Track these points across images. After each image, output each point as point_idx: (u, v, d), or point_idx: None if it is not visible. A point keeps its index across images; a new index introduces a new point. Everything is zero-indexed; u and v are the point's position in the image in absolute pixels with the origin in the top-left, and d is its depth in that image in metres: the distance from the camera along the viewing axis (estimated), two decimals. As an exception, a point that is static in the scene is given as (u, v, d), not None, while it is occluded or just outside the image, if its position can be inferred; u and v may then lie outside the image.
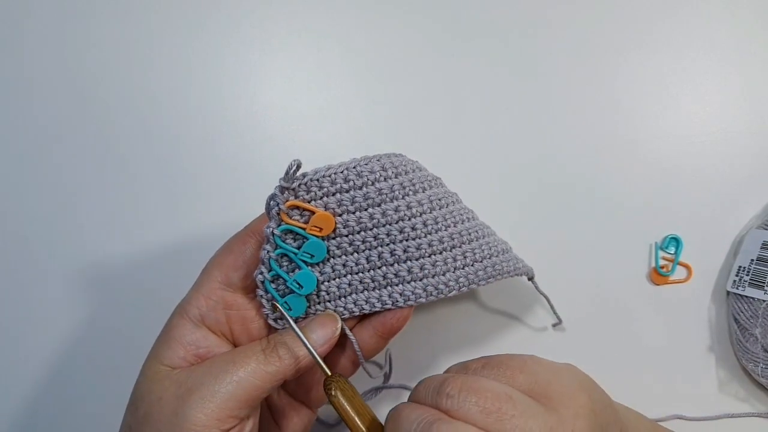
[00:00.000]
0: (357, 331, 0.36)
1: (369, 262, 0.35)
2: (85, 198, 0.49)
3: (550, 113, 0.52)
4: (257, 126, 0.51)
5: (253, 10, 0.53)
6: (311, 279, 0.34)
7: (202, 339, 0.34)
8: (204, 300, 0.34)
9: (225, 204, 0.50)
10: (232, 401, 0.31)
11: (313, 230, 0.34)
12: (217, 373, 0.32)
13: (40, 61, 0.52)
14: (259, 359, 0.33)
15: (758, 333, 0.44)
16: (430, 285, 0.35)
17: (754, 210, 0.49)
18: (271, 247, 0.34)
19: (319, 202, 0.34)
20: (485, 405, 0.29)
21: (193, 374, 0.32)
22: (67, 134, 0.51)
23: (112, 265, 0.48)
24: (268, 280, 0.34)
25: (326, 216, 0.34)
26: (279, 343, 0.33)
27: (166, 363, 0.33)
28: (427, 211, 0.35)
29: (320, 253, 0.34)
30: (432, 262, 0.35)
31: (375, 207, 0.34)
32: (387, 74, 0.52)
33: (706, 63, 0.52)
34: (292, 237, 0.34)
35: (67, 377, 0.47)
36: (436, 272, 0.35)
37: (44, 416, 0.46)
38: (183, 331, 0.34)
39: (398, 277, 0.35)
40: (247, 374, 0.32)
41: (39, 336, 0.47)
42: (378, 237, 0.35)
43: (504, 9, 0.53)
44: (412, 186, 0.35)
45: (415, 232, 0.35)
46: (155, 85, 0.52)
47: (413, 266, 0.35)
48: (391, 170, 0.35)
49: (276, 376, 0.33)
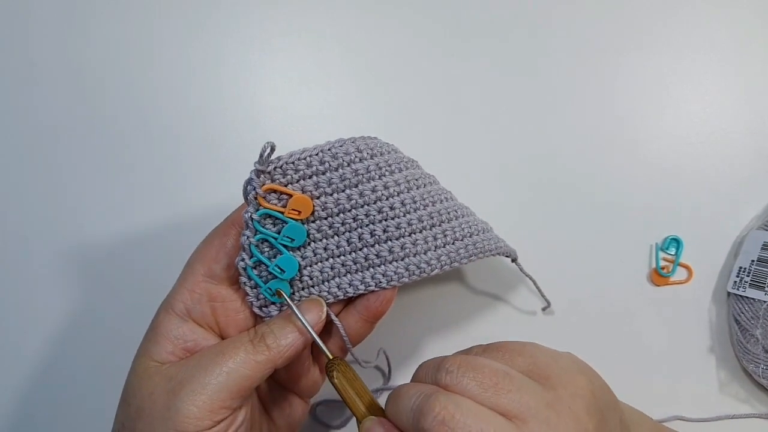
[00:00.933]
0: (342, 316, 0.36)
1: (350, 244, 0.35)
2: (82, 195, 0.49)
3: (551, 113, 0.52)
4: (257, 126, 0.51)
5: (253, 10, 0.53)
6: (293, 263, 0.34)
7: (189, 332, 0.34)
8: (188, 294, 0.34)
9: (224, 203, 0.49)
10: (223, 392, 0.31)
11: (292, 213, 0.34)
12: (207, 365, 0.32)
13: (41, 58, 0.52)
14: (247, 349, 0.33)
15: (759, 334, 0.44)
16: (412, 264, 0.35)
17: (754, 211, 0.49)
18: (251, 232, 0.34)
19: (296, 185, 0.34)
20: (483, 380, 0.29)
21: (182, 368, 0.33)
22: (65, 130, 0.51)
23: (105, 261, 0.48)
24: (250, 266, 0.34)
25: (304, 198, 0.34)
26: (266, 332, 0.34)
27: (155, 359, 0.34)
28: (404, 190, 0.36)
29: (300, 237, 0.34)
30: (412, 240, 0.35)
31: (352, 188, 0.34)
32: (387, 74, 0.52)
33: (706, 63, 0.52)
34: (271, 222, 0.34)
35: (60, 374, 0.47)
36: (417, 251, 0.35)
37: (36, 412, 0.46)
38: (169, 326, 0.34)
39: (380, 257, 0.35)
40: (237, 365, 0.32)
41: (29, 332, 0.47)
42: (357, 218, 0.35)
43: (504, 8, 0.53)
44: (388, 166, 0.35)
45: (393, 211, 0.35)
46: (155, 84, 0.52)
47: (394, 246, 0.35)
48: (366, 152, 0.35)
49: (265, 365, 0.33)
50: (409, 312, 0.47)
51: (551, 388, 0.30)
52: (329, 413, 0.46)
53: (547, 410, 0.29)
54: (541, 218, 0.50)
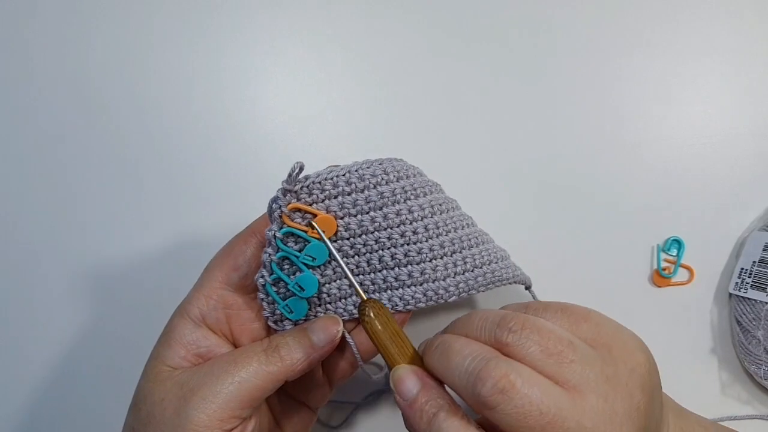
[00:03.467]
0: (355, 333, 0.36)
1: (370, 265, 0.35)
2: (88, 200, 0.50)
3: (552, 115, 0.52)
4: (259, 128, 0.51)
5: (256, 14, 0.53)
6: (313, 282, 0.34)
7: (203, 338, 0.34)
8: (205, 300, 0.34)
9: (227, 206, 0.50)
10: (234, 401, 0.31)
11: (315, 234, 0.34)
12: (219, 374, 0.32)
13: (43, 62, 0.52)
14: (260, 359, 0.32)
15: (761, 335, 0.44)
16: (430, 290, 0.35)
17: (756, 212, 0.49)
18: (273, 250, 0.34)
19: (321, 204, 0.34)
20: (547, 346, 0.28)
21: (194, 375, 0.32)
22: (69, 136, 0.51)
23: (115, 267, 0.48)
24: (270, 283, 0.34)
25: (328, 218, 0.34)
26: (281, 344, 0.33)
27: (167, 363, 0.33)
28: (428, 215, 0.35)
29: (322, 256, 0.34)
30: (432, 266, 0.35)
31: (377, 210, 0.34)
32: (389, 76, 0.52)
33: (708, 65, 0.52)
34: (293, 240, 0.34)
35: (70, 379, 0.47)
36: (436, 277, 0.35)
37: (47, 418, 0.46)
38: (183, 331, 0.34)
39: (398, 280, 0.35)
40: (249, 374, 0.32)
41: (41, 338, 0.47)
42: (379, 240, 0.34)
43: (506, 11, 0.54)
44: (413, 190, 0.35)
45: (416, 236, 0.35)
46: (158, 88, 0.52)
47: (414, 270, 0.35)
48: (392, 174, 0.34)
49: (277, 376, 0.32)
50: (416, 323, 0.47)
51: (612, 361, 0.29)
52: (329, 413, 0.45)
53: (605, 385, 0.28)
54: (542, 219, 0.50)
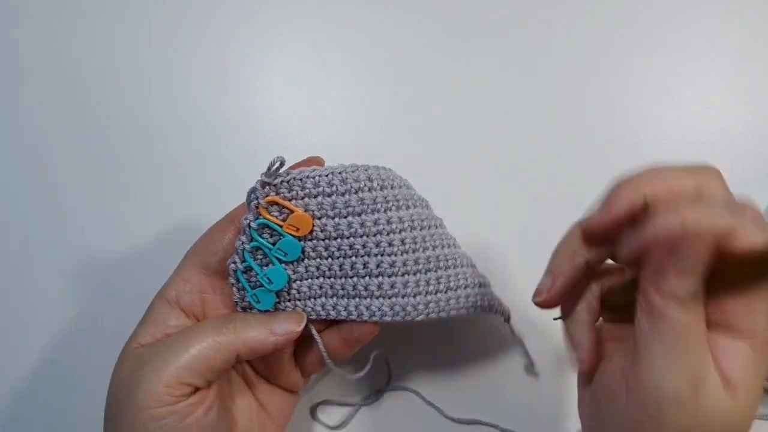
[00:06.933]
0: (326, 333, 0.37)
1: (341, 269, 0.34)
2: (84, 196, 0.49)
3: (551, 115, 0.52)
4: (258, 128, 0.51)
5: (254, 13, 0.53)
6: (282, 276, 0.34)
7: (173, 318, 0.35)
8: (182, 283, 0.35)
9: (225, 205, 0.49)
10: (182, 369, 0.32)
11: (290, 229, 0.34)
12: (171, 343, 0.33)
13: (40, 59, 0.52)
14: (214, 330, 0.33)
15: (761, 335, 0.44)
16: (397, 305, 0.34)
17: (756, 212, 0.49)
18: (246, 239, 0.34)
19: (300, 202, 0.34)
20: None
21: (151, 348, 0.33)
22: (66, 133, 0.51)
23: (109, 264, 0.48)
24: (240, 270, 0.34)
25: (304, 216, 0.33)
26: (239, 318, 0.34)
27: (139, 342, 0.34)
28: (407, 229, 0.34)
29: (294, 252, 0.34)
30: (403, 281, 0.34)
31: (355, 216, 0.33)
32: (389, 76, 0.52)
33: (707, 64, 0.52)
34: (268, 232, 0.34)
35: (60, 374, 0.46)
36: (405, 293, 0.34)
37: (40, 412, 0.46)
38: (159, 311, 0.35)
39: (367, 290, 0.34)
40: (200, 344, 0.32)
41: (32, 332, 0.47)
42: (353, 247, 0.34)
43: (505, 10, 0.54)
44: (396, 201, 0.34)
45: (391, 248, 0.34)
46: (156, 87, 0.52)
47: (383, 282, 0.34)
48: (377, 182, 0.34)
49: (228, 347, 0.33)
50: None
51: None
52: (329, 413, 0.45)
53: None
54: (541, 219, 0.49)
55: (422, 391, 0.45)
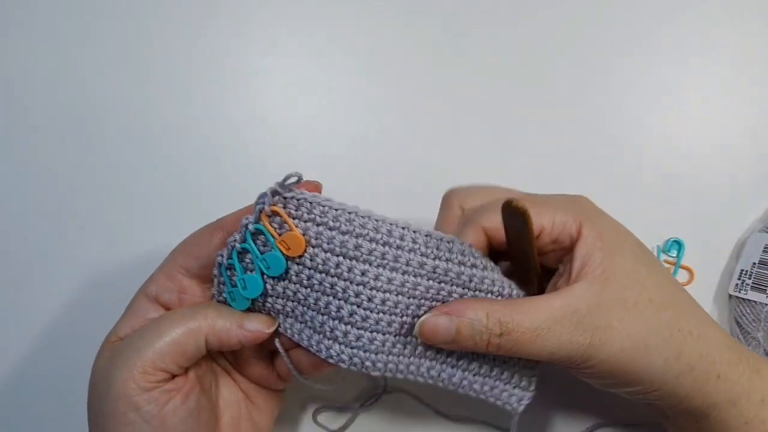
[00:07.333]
0: (297, 350, 0.37)
1: (315, 304, 0.34)
2: (83, 200, 0.50)
3: (552, 118, 0.51)
4: (258, 129, 0.51)
5: (254, 14, 0.53)
6: (258, 286, 0.34)
7: (152, 312, 0.36)
8: (164, 280, 0.36)
9: (224, 207, 0.49)
10: (156, 354, 0.32)
11: (282, 245, 0.33)
12: (143, 332, 0.34)
13: (40, 61, 0.52)
14: (185, 316, 0.34)
15: (760, 337, 0.44)
16: (356, 357, 0.34)
17: (756, 213, 0.49)
18: (240, 238, 0.34)
19: (302, 224, 0.33)
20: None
21: (126, 339, 0.34)
22: (65, 135, 0.51)
23: (109, 269, 0.48)
24: (225, 265, 0.34)
25: (299, 239, 0.33)
26: (212, 307, 0.35)
27: (118, 335, 0.35)
28: (392, 291, 0.33)
29: (277, 269, 0.34)
30: (370, 338, 0.34)
31: (346, 258, 0.33)
32: (390, 76, 0.52)
33: (708, 66, 0.52)
34: (262, 241, 0.34)
35: (57, 380, 0.47)
36: (369, 348, 0.34)
37: (29, 408, 0.46)
38: (139, 305, 0.36)
39: (332, 333, 0.34)
40: (173, 329, 0.33)
41: (31, 339, 0.47)
42: (334, 287, 0.33)
43: (507, 12, 0.53)
44: (394, 262, 0.33)
45: (369, 303, 0.33)
46: (157, 88, 0.52)
47: (350, 332, 0.33)
48: (382, 236, 0.33)
49: (197, 332, 0.34)
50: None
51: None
52: (330, 418, 0.45)
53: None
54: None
55: (420, 393, 0.46)
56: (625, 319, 0.33)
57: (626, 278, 0.34)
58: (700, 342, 0.34)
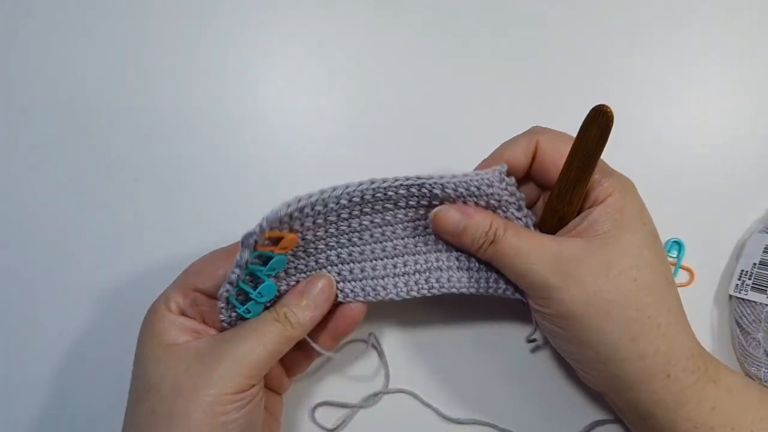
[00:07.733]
0: (313, 332, 0.39)
1: (317, 263, 0.39)
2: (83, 200, 0.50)
3: (551, 117, 0.51)
4: (259, 129, 0.51)
5: (256, 14, 0.53)
6: (272, 289, 0.38)
7: (187, 322, 0.37)
8: (182, 296, 0.38)
9: (226, 208, 0.50)
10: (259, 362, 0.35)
11: (280, 251, 0.37)
12: (243, 340, 0.35)
13: (41, 62, 0.52)
14: (278, 327, 0.36)
15: (761, 337, 0.44)
16: (368, 286, 0.40)
17: (756, 214, 0.49)
18: (240, 270, 0.36)
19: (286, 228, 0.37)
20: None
21: (214, 344, 0.35)
22: (66, 133, 0.51)
23: (109, 269, 0.48)
24: (234, 296, 0.37)
25: (292, 237, 0.36)
26: (288, 313, 0.37)
27: (168, 342, 0.36)
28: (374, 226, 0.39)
29: (280, 266, 0.38)
30: (372, 266, 0.40)
31: (330, 224, 0.38)
32: (390, 76, 0.52)
33: (708, 66, 0.52)
34: (259, 258, 0.37)
35: (70, 389, 0.47)
36: (374, 275, 0.40)
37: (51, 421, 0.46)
38: (169, 316, 0.37)
39: (340, 275, 0.40)
40: (271, 338, 0.35)
41: (40, 345, 0.47)
42: (328, 244, 0.39)
43: (506, 11, 0.53)
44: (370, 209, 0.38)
45: (361, 240, 0.39)
46: (157, 88, 0.52)
47: (354, 268, 0.40)
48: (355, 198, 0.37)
49: (291, 340, 0.37)
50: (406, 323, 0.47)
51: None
52: (328, 415, 0.45)
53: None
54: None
55: (420, 393, 0.46)
56: (600, 281, 0.35)
57: (623, 251, 0.35)
58: (662, 338, 0.35)
